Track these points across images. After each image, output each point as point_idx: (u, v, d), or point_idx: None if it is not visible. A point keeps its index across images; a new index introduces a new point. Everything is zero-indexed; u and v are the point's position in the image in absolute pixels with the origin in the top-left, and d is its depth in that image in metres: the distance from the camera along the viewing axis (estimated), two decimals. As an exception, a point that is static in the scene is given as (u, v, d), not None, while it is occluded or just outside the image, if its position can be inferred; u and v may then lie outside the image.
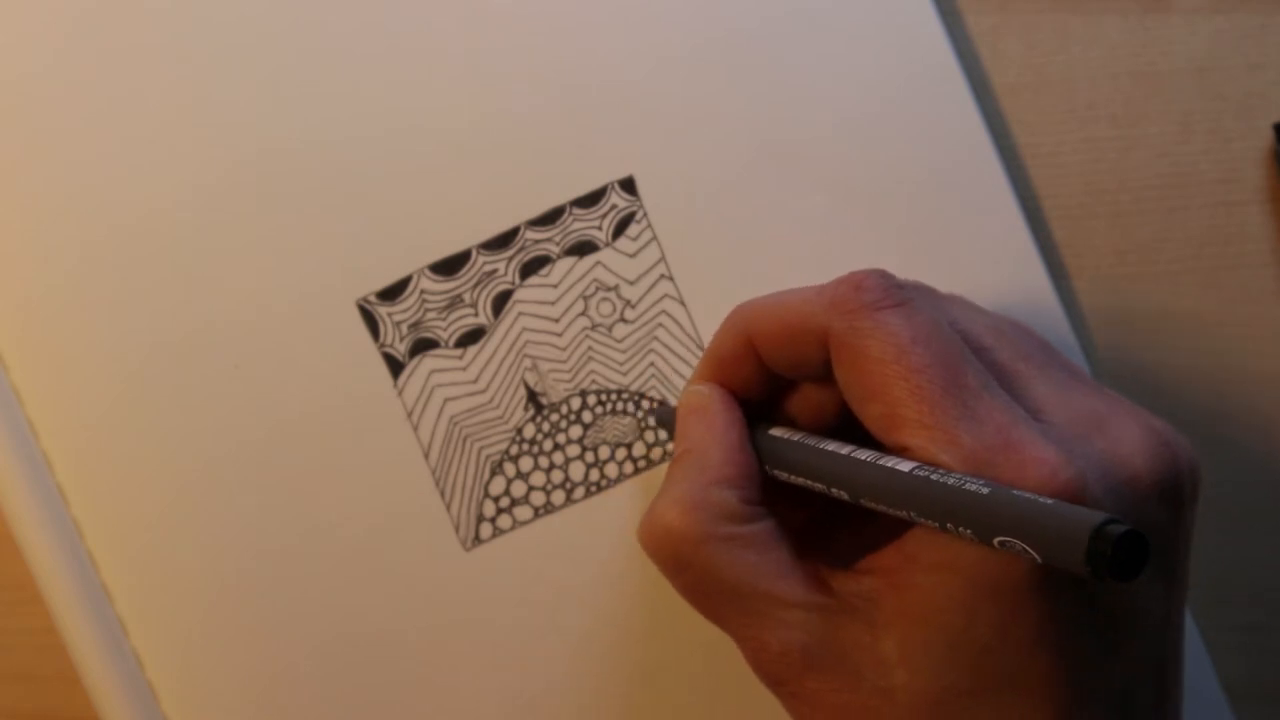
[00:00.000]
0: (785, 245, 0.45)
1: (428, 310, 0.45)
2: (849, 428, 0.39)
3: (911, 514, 0.36)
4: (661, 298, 0.45)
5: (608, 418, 0.45)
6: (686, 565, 0.39)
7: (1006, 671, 0.36)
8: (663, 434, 0.45)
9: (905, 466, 0.37)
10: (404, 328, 0.45)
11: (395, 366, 0.45)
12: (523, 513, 0.45)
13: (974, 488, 0.35)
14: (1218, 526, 0.46)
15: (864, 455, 0.38)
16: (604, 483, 0.45)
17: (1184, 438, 0.39)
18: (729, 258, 0.45)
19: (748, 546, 0.39)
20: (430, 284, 0.45)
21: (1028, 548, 0.34)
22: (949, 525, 0.35)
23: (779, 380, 0.42)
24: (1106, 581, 0.32)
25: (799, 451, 0.40)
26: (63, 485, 0.45)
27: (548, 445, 0.45)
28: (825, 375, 0.39)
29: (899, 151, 0.45)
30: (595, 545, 0.45)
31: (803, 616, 0.38)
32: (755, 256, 0.45)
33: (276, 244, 0.45)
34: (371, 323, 0.45)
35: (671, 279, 0.45)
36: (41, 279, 0.45)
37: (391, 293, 0.45)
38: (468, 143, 0.45)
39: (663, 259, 0.45)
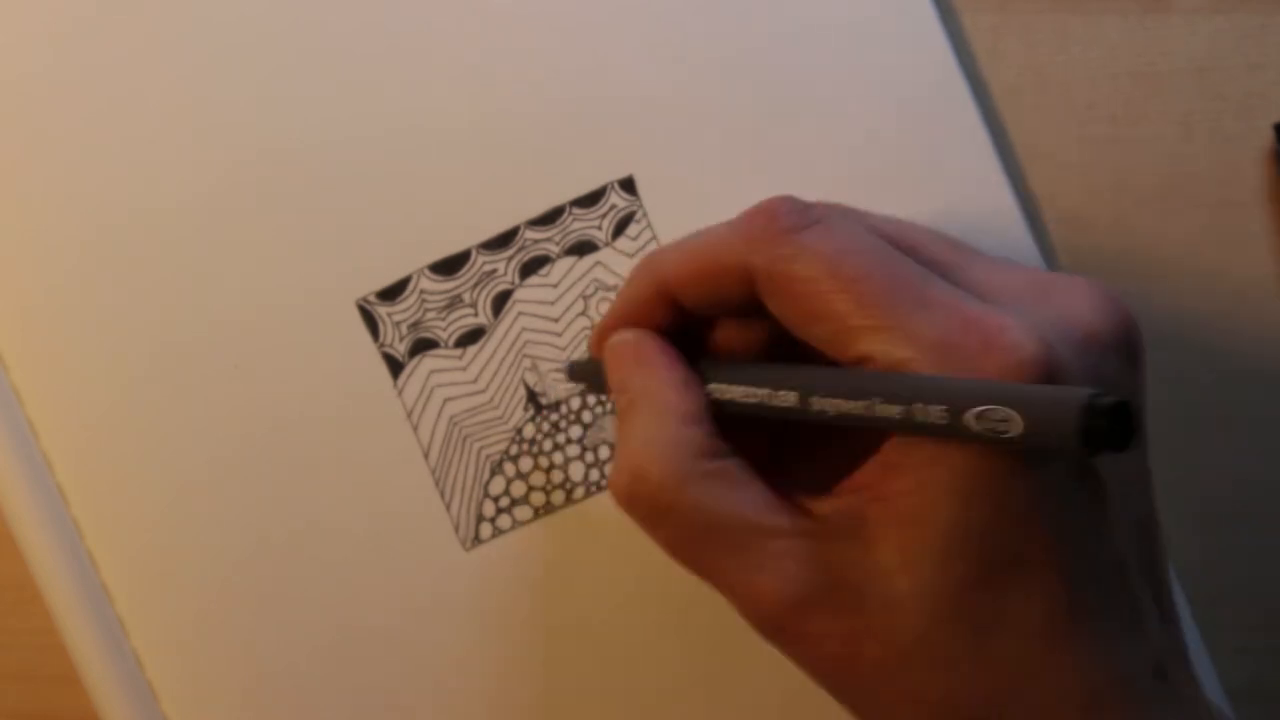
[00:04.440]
0: (785, 245, 0.45)
1: (427, 310, 0.45)
2: (777, 361, 0.38)
3: (890, 416, 0.35)
4: (661, 298, 0.45)
5: (607, 417, 0.45)
6: (667, 511, 0.37)
7: (1010, 552, 0.35)
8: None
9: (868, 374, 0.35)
10: (404, 328, 0.45)
11: (395, 366, 0.45)
12: (523, 513, 0.45)
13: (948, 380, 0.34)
14: (1218, 527, 0.46)
15: (821, 370, 0.37)
16: (604, 483, 0.45)
17: None
18: (729, 258, 0.45)
19: (727, 482, 0.37)
20: (430, 284, 0.45)
21: (1011, 431, 0.33)
22: (927, 420, 0.34)
23: (692, 321, 0.40)
24: (1102, 454, 0.32)
25: (751, 378, 0.38)
26: (63, 485, 0.45)
27: (548, 445, 0.45)
28: (746, 310, 0.38)
29: (898, 152, 0.45)
30: (595, 545, 0.45)
31: (793, 545, 0.36)
32: (755, 256, 0.45)
33: (276, 244, 0.45)
34: (371, 323, 0.45)
35: (671, 279, 0.45)
36: (41, 279, 0.45)
37: (391, 293, 0.45)
38: (468, 143, 0.45)
39: (663, 259, 0.45)
